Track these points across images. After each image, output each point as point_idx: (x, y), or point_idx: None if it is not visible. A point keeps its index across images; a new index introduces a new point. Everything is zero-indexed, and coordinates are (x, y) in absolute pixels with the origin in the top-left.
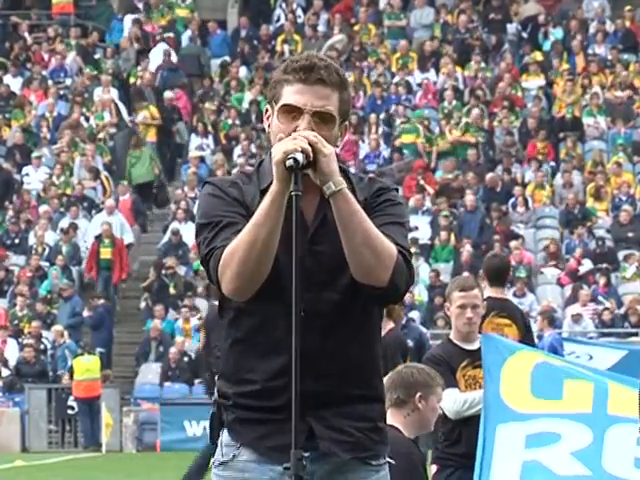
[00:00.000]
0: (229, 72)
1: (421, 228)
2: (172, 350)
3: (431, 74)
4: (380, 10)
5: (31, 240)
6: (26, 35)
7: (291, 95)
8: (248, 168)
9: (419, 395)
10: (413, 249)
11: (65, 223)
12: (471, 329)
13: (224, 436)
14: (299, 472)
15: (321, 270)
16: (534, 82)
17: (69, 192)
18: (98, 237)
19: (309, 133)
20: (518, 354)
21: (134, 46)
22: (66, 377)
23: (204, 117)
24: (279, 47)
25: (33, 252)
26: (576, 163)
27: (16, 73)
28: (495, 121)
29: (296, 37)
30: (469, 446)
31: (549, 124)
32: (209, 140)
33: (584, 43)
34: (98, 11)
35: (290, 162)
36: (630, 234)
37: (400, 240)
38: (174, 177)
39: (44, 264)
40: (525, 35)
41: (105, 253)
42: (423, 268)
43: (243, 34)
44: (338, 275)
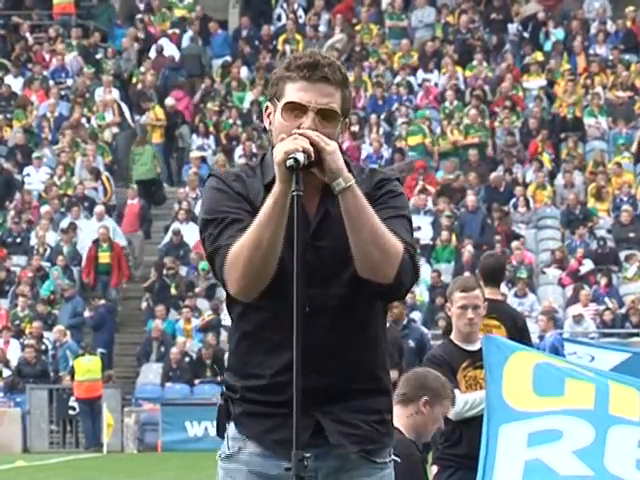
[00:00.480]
0: (230, 72)
1: (423, 228)
2: (173, 350)
3: (432, 74)
4: (381, 10)
5: (32, 240)
6: (27, 35)
7: (295, 92)
8: (253, 161)
9: (425, 399)
10: None
11: (66, 223)
12: (472, 330)
13: (231, 429)
14: (300, 473)
15: (324, 265)
16: (535, 82)
17: (70, 192)
18: (96, 242)
19: (310, 132)
20: (519, 353)
21: (134, 46)
22: (67, 378)
23: (206, 117)
24: (280, 47)
25: (34, 252)
26: (577, 163)
27: (17, 73)
28: (496, 121)
29: (297, 37)
30: (470, 447)
31: (550, 124)
32: (210, 140)
33: (585, 43)
34: (99, 11)
35: (290, 162)
36: (631, 234)
37: (405, 236)
38: (180, 180)
39: (45, 264)
40: (526, 35)
41: (104, 257)
42: (424, 268)
43: (244, 34)
44: (342, 270)
